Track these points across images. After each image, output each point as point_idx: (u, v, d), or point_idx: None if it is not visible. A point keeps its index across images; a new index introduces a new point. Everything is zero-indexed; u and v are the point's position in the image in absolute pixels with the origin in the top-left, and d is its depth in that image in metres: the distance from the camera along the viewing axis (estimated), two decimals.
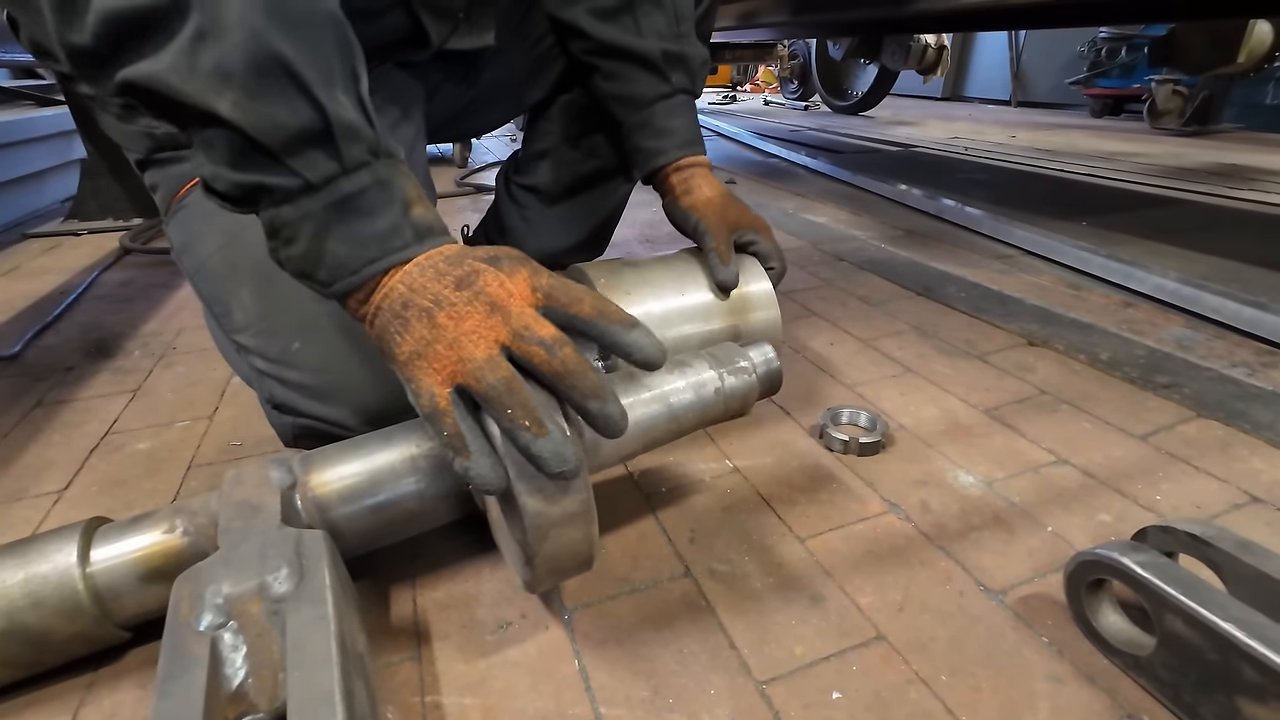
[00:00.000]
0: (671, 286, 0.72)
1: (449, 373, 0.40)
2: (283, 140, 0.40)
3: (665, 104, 0.76)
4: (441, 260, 0.43)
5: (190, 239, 0.65)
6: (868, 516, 0.62)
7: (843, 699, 0.44)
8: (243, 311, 0.62)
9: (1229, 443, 0.72)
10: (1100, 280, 1.24)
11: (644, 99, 0.77)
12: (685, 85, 0.77)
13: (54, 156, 2.01)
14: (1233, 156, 2.74)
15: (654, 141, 0.77)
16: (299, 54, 0.40)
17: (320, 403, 0.60)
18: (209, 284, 0.64)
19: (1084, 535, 0.59)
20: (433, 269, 0.42)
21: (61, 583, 0.44)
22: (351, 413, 0.60)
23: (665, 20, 0.75)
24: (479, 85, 0.87)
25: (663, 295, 0.71)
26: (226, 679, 0.37)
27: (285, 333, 0.60)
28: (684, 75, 0.77)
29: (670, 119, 0.77)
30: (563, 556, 0.43)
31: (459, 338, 0.40)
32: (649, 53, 0.75)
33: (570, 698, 0.45)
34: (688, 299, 0.72)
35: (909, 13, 1.86)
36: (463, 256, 0.44)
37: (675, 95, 0.77)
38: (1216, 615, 0.39)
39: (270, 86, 0.39)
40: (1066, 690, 0.45)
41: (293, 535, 0.44)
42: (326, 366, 0.59)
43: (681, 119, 0.77)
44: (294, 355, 0.60)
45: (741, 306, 0.73)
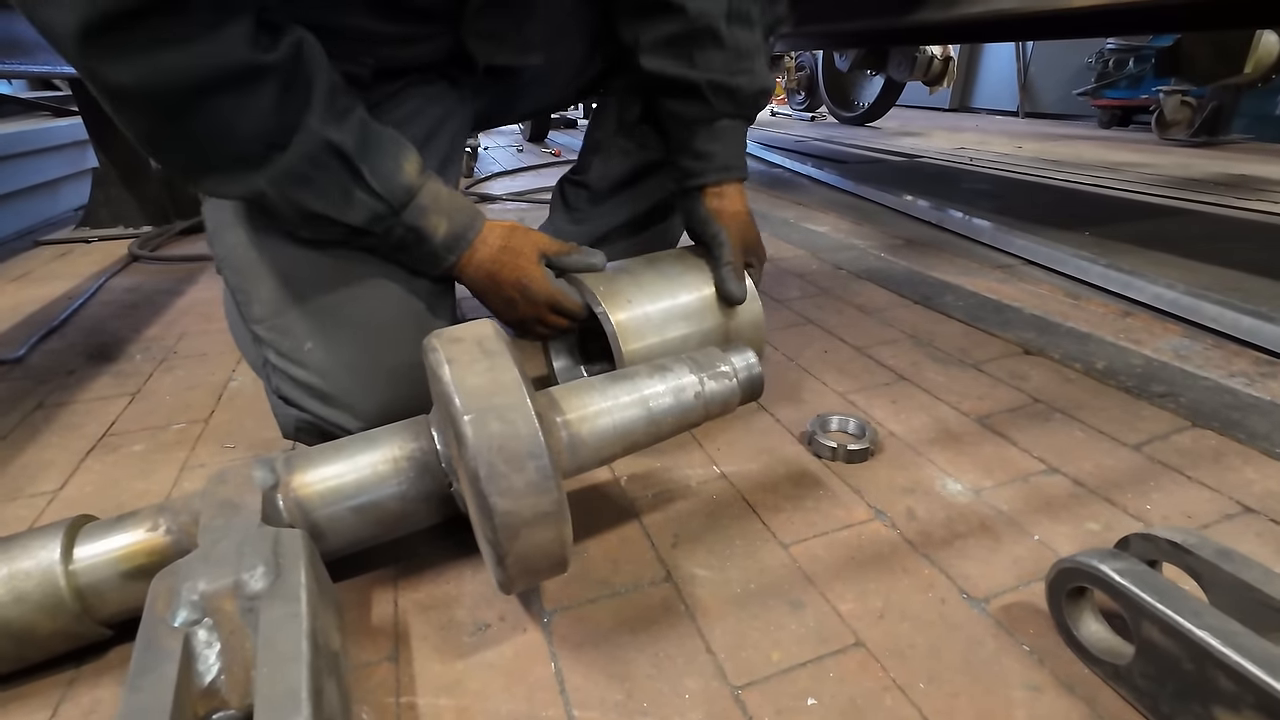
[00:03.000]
0: (666, 291, 0.74)
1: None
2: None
3: (708, 128, 0.77)
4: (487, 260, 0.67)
5: (221, 226, 0.68)
6: (853, 523, 0.62)
7: (817, 705, 0.44)
8: (261, 305, 0.64)
9: (1223, 452, 0.71)
10: (1100, 289, 1.23)
11: (688, 118, 0.77)
12: (730, 111, 0.77)
13: (67, 166, 2.05)
14: (1241, 167, 2.72)
15: (692, 163, 0.78)
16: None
17: (324, 403, 0.62)
18: (234, 272, 0.66)
19: (1071, 544, 0.59)
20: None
21: (44, 579, 0.44)
22: (352, 416, 0.62)
23: (723, 59, 0.74)
24: (514, 86, 0.87)
25: (659, 299, 0.73)
26: (199, 675, 0.37)
27: (300, 332, 0.62)
28: (729, 103, 0.76)
29: (711, 142, 0.77)
30: (535, 557, 0.43)
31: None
32: (696, 82, 0.74)
33: (544, 699, 0.45)
34: (680, 301, 0.73)
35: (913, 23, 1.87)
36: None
37: (719, 120, 0.76)
38: (1192, 623, 0.39)
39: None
40: (1044, 699, 0.44)
41: (271, 534, 0.44)
42: (334, 371, 0.62)
43: (722, 143, 0.77)
44: (305, 355, 0.62)
45: (728, 314, 0.75)
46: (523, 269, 0.67)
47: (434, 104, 0.75)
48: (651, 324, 0.70)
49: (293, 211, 0.57)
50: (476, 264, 0.67)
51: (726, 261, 0.73)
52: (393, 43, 0.68)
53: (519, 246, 0.68)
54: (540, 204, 2.06)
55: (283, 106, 0.52)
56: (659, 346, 0.70)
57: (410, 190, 0.61)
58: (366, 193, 0.58)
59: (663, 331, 0.71)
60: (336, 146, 0.56)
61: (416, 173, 0.62)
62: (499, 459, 0.41)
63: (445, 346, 0.46)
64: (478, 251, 0.66)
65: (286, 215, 0.58)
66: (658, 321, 0.71)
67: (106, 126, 1.77)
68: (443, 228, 0.63)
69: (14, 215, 1.84)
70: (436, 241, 0.63)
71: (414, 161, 0.62)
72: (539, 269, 0.68)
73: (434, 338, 0.47)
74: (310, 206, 0.57)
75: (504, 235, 0.68)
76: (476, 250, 0.66)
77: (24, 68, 1.36)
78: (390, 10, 0.65)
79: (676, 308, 0.73)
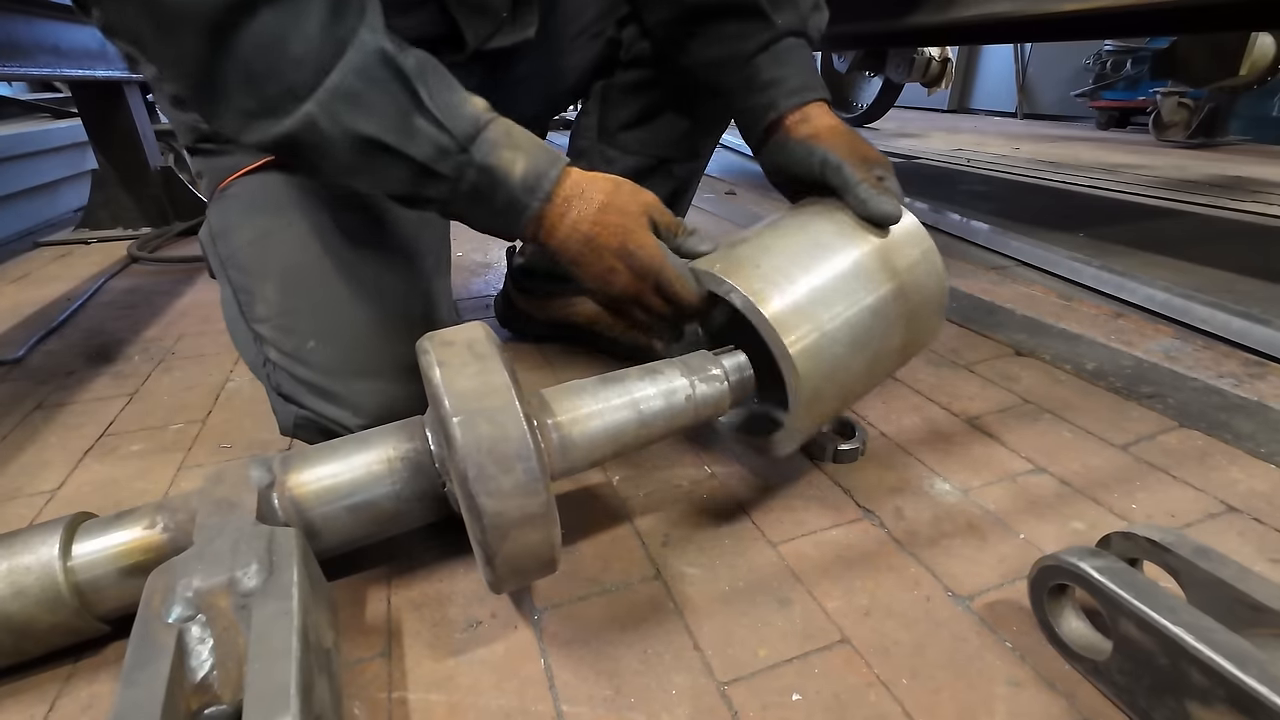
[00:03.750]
0: (807, 249, 0.56)
1: None
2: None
3: (769, 53, 0.66)
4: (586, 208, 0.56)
5: (227, 227, 0.68)
6: (841, 522, 0.63)
7: (802, 700, 0.45)
8: (265, 304, 0.64)
9: (1209, 452, 0.72)
10: (1092, 291, 1.24)
11: (745, 53, 0.66)
12: (795, 25, 0.66)
13: (67, 167, 2.06)
14: (1237, 168, 2.73)
15: (758, 97, 0.66)
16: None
17: (325, 401, 0.63)
18: (239, 272, 0.67)
19: (1056, 543, 0.59)
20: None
21: (43, 574, 0.45)
22: (353, 414, 0.63)
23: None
24: (508, 82, 0.83)
25: (807, 263, 0.55)
26: (191, 670, 0.38)
27: (303, 331, 0.63)
28: (792, 13, 0.66)
29: (777, 68, 0.65)
30: (523, 557, 0.44)
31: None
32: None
33: (533, 695, 0.46)
34: (837, 262, 0.56)
35: (910, 25, 1.88)
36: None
37: (782, 39, 0.66)
38: (1167, 619, 0.39)
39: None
40: (1025, 694, 0.45)
41: (265, 532, 0.45)
42: (335, 369, 0.63)
43: (792, 65, 0.65)
44: (308, 353, 0.63)
45: (893, 254, 0.59)
46: (630, 231, 0.55)
47: None
48: (813, 300, 0.53)
49: (346, 141, 0.50)
50: (571, 223, 0.55)
51: (856, 181, 0.59)
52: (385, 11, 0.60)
53: (625, 205, 0.56)
54: None
55: (334, 20, 0.47)
56: (835, 335, 0.53)
57: (478, 121, 0.53)
58: (428, 120, 0.51)
59: (830, 306, 0.54)
60: (392, 59, 0.49)
61: (485, 107, 0.54)
62: (488, 460, 0.42)
63: (437, 349, 0.46)
64: (573, 208, 0.55)
65: (339, 152, 0.50)
66: (817, 295, 0.54)
67: (106, 129, 1.78)
68: (520, 164, 0.53)
69: (13, 217, 1.85)
70: (514, 182, 0.53)
71: (481, 100, 0.54)
72: (650, 235, 0.56)
73: (426, 340, 0.48)
74: (364, 130, 0.49)
75: (607, 190, 0.56)
76: (572, 206, 0.55)
77: (24, 70, 1.37)
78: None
79: (832, 268, 0.55)
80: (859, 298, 0.56)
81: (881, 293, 0.57)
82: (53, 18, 1.49)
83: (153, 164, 1.85)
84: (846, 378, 0.56)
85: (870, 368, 0.58)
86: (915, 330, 0.61)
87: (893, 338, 0.59)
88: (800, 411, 0.54)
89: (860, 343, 0.56)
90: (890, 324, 0.58)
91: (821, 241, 0.57)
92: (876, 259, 0.58)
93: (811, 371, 0.52)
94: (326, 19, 0.47)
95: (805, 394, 0.53)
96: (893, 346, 0.60)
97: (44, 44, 1.45)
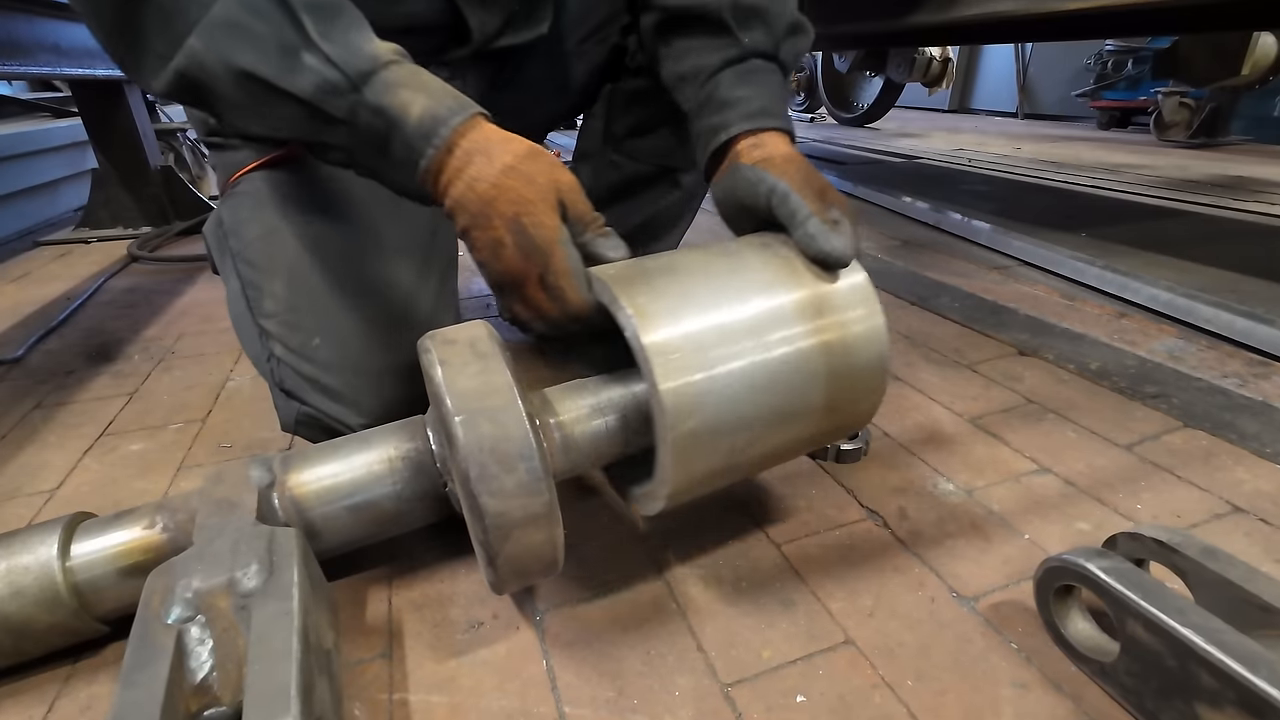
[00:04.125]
0: (728, 285, 0.48)
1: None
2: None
3: (732, 71, 0.60)
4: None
5: (238, 223, 0.68)
6: (845, 523, 0.62)
7: (806, 702, 0.45)
8: (273, 300, 0.64)
9: (1214, 453, 0.72)
10: (1095, 291, 1.24)
11: (706, 69, 0.61)
12: (762, 46, 0.61)
13: (67, 166, 2.06)
14: (1238, 168, 2.72)
15: (713, 117, 0.60)
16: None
17: (327, 398, 0.63)
18: (248, 268, 0.66)
19: (1061, 543, 0.59)
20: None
21: (41, 574, 0.45)
22: (356, 413, 0.62)
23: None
24: (516, 84, 0.81)
25: (716, 296, 0.47)
26: (191, 671, 0.38)
27: (309, 328, 0.63)
28: (761, 33, 0.61)
29: (738, 88, 0.60)
30: (526, 558, 0.44)
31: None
32: (715, 8, 0.61)
33: (536, 696, 0.45)
34: (755, 299, 0.48)
35: (911, 25, 1.88)
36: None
37: (748, 59, 0.61)
38: (1175, 620, 0.39)
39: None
40: (1031, 696, 0.45)
41: (265, 533, 0.45)
42: (340, 367, 0.62)
43: (754, 88, 0.60)
44: (313, 350, 0.62)
45: (828, 306, 0.49)
46: (530, 204, 0.48)
47: None
48: (709, 335, 0.45)
49: (228, 76, 0.46)
50: (468, 181, 0.48)
51: (806, 214, 0.51)
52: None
53: (534, 174, 0.48)
54: None
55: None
56: (727, 379, 0.45)
57: (376, 60, 0.47)
58: (315, 54, 0.46)
59: (730, 345, 0.46)
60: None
61: (393, 50, 0.49)
62: (490, 460, 0.42)
63: (439, 348, 0.46)
64: (474, 163, 0.48)
65: (224, 88, 0.47)
66: (717, 331, 0.46)
67: (106, 128, 1.78)
68: (417, 106, 0.47)
69: (14, 216, 1.84)
70: (409, 125, 0.47)
71: (392, 45, 0.50)
72: (553, 216, 0.49)
73: (428, 339, 0.47)
74: (241, 62, 0.46)
75: (518, 154, 0.49)
76: (473, 161, 0.48)
77: (24, 69, 1.37)
78: None
79: (747, 306, 0.47)
80: (770, 344, 0.47)
81: (802, 345, 0.48)
82: (53, 16, 1.49)
83: (153, 163, 1.85)
84: (738, 433, 0.47)
85: (775, 427, 0.48)
86: (844, 396, 0.51)
87: (811, 396, 0.49)
88: (670, 462, 0.45)
89: (761, 396, 0.46)
90: (809, 380, 0.48)
91: (744, 274, 0.49)
92: (806, 306, 0.49)
93: (687, 415, 0.44)
94: None
95: (678, 441, 0.44)
96: (811, 406, 0.49)
97: (44, 43, 1.44)
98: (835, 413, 0.51)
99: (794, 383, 0.48)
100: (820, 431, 0.52)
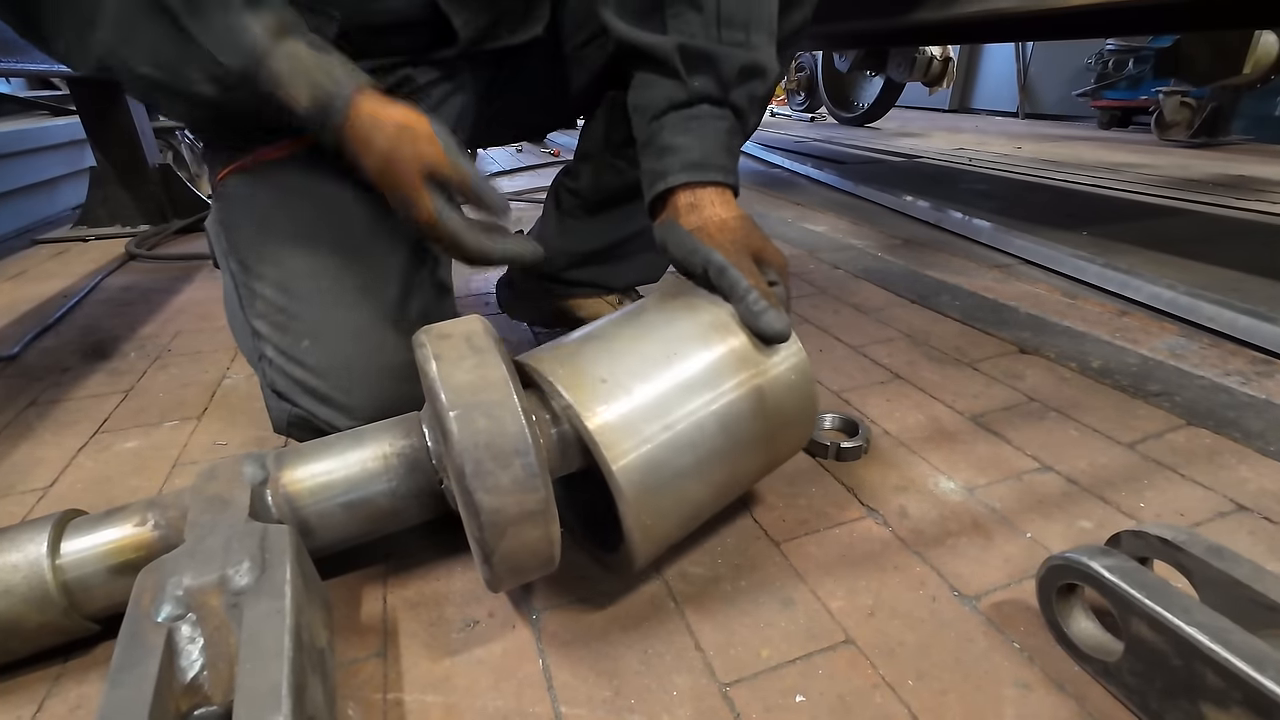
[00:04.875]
0: (658, 352, 0.50)
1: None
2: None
3: (677, 115, 0.60)
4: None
5: (230, 222, 0.68)
6: (845, 521, 0.62)
7: (805, 702, 0.44)
8: (264, 300, 0.64)
9: (1217, 451, 0.71)
10: (1097, 289, 1.23)
11: (655, 108, 0.61)
12: (710, 92, 0.59)
13: (65, 165, 2.06)
14: (1240, 168, 2.71)
15: (654, 162, 0.60)
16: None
17: (317, 401, 0.62)
18: (240, 266, 0.66)
19: (1063, 542, 0.58)
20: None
21: (31, 572, 0.44)
22: (346, 416, 0.62)
23: (699, 21, 0.59)
24: (514, 87, 0.81)
25: (651, 368, 0.49)
26: (181, 670, 0.37)
27: (298, 330, 0.62)
28: (709, 79, 0.59)
29: (679, 134, 0.59)
30: (522, 555, 0.43)
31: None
32: (661, 50, 0.59)
33: (531, 696, 0.45)
34: (689, 366, 0.49)
35: (912, 23, 1.87)
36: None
37: (694, 104, 0.60)
38: (1181, 620, 0.38)
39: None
40: (1034, 697, 0.44)
41: (258, 530, 0.44)
42: (329, 371, 0.62)
43: (694, 135, 0.59)
44: (302, 352, 0.62)
45: (753, 354, 0.52)
46: (405, 186, 0.55)
47: (426, 96, 0.71)
48: (651, 409, 0.47)
49: (137, 82, 0.49)
50: (363, 163, 0.56)
51: (745, 290, 0.52)
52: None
53: (403, 158, 0.54)
54: (540, 204, 2.06)
55: None
56: (672, 444, 0.47)
57: (254, 53, 0.50)
58: (197, 55, 0.49)
59: (667, 414, 0.47)
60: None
61: (270, 30, 0.51)
62: (485, 455, 0.41)
63: (433, 342, 0.46)
64: (361, 150, 0.55)
65: (136, 90, 0.52)
66: (657, 403, 0.47)
67: (105, 126, 1.77)
68: (303, 98, 0.52)
69: (11, 214, 1.84)
70: (302, 116, 0.53)
71: (270, 16, 0.51)
72: (422, 195, 0.55)
73: (422, 333, 0.47)
74: (143, 72, 0.49)
75: (391, 139, 0.54)
76: (359, 148, 0.55)
77: (22, 66, 1.36)
78: None
79: (681, 374, 0.49)
80: (707, 401, 0.49)
81: (735, 396, 0.50)
82: None
83: (151, 161, 1.84)
84: (690, 486, 0.49)
85: (722, 473, 0.51)
86: (779, 431, 0.54)
87: (750, 439, 0.52)
88: (634, 526, 0.46)
89: (704, 452, 0.48)
90: (746, 425, 0.51)
91: (675, 340, 0.51)
92: (735, 359, 0.51)
93: (642, 489, 0.45)
94: None
95: (636, 513, 0.45)
96: (752, 447, 0.52)
97: None
98: (771, 448, 0.55)
99: (734, 431, 0.50)
100: (761, 466, 0.56)
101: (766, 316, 0.51)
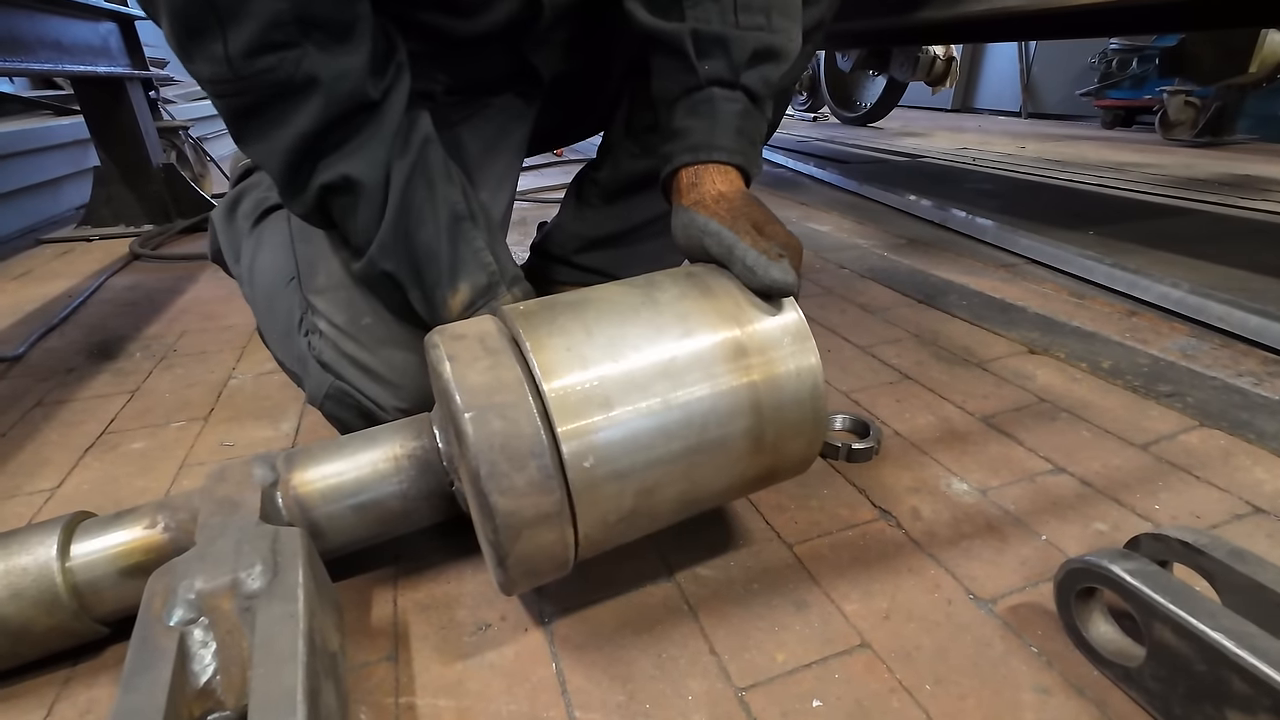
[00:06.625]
0: (646, 322, 0.46)
1: None
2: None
3: (688, 101, 0.59)
4: None
5: None
6: (858, 523, 0.61)
7: (823, 707, 0.44)
8: (327, 275, 0.65)
9: (1232, 452, 0.71)
10: (1105, 289, 1.22)
11: (668, 96, 0.61)
12: (721, 75, 0.58)
13: (69, 164, 2.05)
14: (1245, 167, 2.71)
15: (664, 147, 0.61)
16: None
17: (366, 377, 0.62)
18: (304, 244, 0.67)
19: (1079, 544, 0.58)
20: None
21: (40, 575, 0.44)
22: (392, 395, 0.62)
23: (716, 9, 0.58)
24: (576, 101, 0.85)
25: (640, 342, 0.45)
26: (194, 675, 0.37)
27: (361, 306, 0.63)
28: (721, 62, 0.58)
29: (688, 118, 0.59)
30: (537, 557, 0.43)
31: None
32: (675, 36, 0.59)
33: (545, 701, 0.44)
34: (670, 341, 0.45)
35: (915, 22, 1.86)
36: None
37: (704, 89, 0.59)
38: (1206, 624, 0.38)
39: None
40: (1054, 702, 0.44)
41: (269, 532, 0.44)
42: (386, 348, 0.62)
43: (703, 117, 0.58)
44: (360, 329, 0.63)
45: (752, 345, 0.47)
46: None
47: (494, 120, 0.75)
48: (613, 380, 0.43)
49: (385, 282, 0.60)
50: None
51: (743, 247, 0.49)
52: (463, 49, 0.69)
53: None
54: (542, 203, 2.06)
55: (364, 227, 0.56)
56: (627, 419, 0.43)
57: (447, 320, 0.59)
58: (418, 305, 0.60)
59: (634, 386, 0.43)
60: (391, 275, 0.58)
61: (461, 304, 0.59)
62: (501, 457, 0.41)
63: (447, 343, 0.45)
64: None
65: (381, 291, 0.62)
66: (623, 375, 0.43)
67: (108, 125, 1.77)
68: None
69: (16, 214, 1.84)
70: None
71: (465, 290, 0.59)
72: None
73: (435, 334, 0.46)
74: (400, 292, 0.60)
75: None
76: None
77: (26, 65, 1.36)
78: (462, 8, 0.64)
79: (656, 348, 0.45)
80: (682, 384, 0.44)
81: (718, 384, 0.45)
82: (55, 13, 1.48)
83: (155, 161, 1.84)
84: (647, 473, 0.44)
85: (691, 468, 0.46)
86: (772, 436, 0.48)
87: (730, 437, 0.46)
88: (583, 510, 0.43)
89: (669, 439, 0.44)
90: (725, 420, 0.46)
91: (659, 310, 0.47)
92: (726, 348, 0.46)
93: (584, 455, 0.42)
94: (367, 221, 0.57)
95: (578, 481, 0.42)
96: (731, 447, 0.47)
97: (46, 39, 1.43)
98: (764, 454, 0.49)
99: (708, 423, 0.45)
100: (753, 474, 0.50)
101: (764, 267, 0.47)
